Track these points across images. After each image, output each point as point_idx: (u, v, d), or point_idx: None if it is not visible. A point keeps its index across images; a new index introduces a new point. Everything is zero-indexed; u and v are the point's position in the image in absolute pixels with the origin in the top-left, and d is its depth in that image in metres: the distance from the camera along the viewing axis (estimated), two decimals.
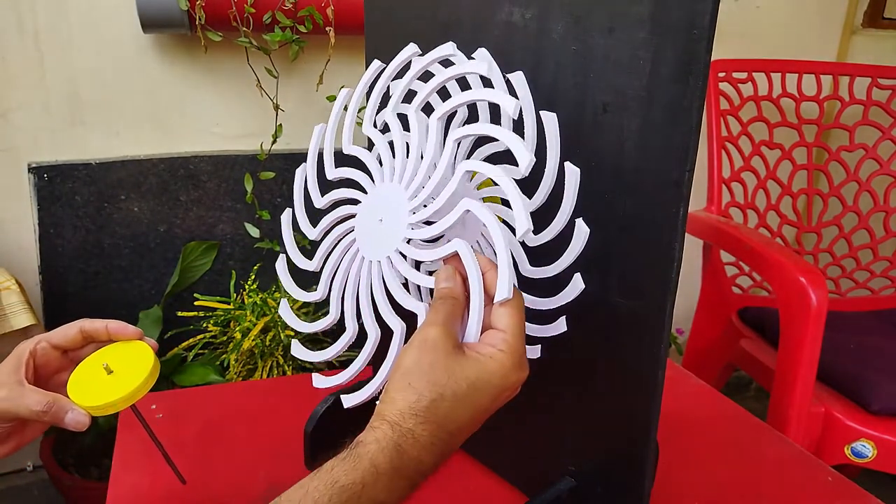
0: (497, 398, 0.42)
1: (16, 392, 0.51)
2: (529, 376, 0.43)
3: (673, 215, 0.42)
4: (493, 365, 0.41)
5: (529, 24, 0.47)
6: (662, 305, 0.44)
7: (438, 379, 0.40)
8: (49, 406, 0.52)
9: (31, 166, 1.24)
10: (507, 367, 0.42)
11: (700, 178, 1.41)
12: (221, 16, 1.17)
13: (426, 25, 0.54)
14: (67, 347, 0.56)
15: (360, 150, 0.54)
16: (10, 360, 0.54)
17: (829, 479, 0.68)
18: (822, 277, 1.04)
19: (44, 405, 0.51)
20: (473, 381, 0.41)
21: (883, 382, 1.11)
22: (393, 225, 0.48)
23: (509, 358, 0.42)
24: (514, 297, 0.43)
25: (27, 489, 1.42)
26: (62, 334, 0.56)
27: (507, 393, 0.43)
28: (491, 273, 0.44)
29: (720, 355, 1.42)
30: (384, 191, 0.50)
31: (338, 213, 0.53)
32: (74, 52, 1.22)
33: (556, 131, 0.46)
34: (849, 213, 1.53)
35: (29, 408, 0.51)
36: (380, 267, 0.49)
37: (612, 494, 0.52)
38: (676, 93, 0.40)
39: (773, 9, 1.65)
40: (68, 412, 0.52)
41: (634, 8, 0.41)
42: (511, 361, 0.42)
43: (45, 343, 0.55)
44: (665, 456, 0.55)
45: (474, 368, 0.41)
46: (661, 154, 0.42)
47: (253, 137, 1.33)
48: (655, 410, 0.47)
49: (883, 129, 1.49)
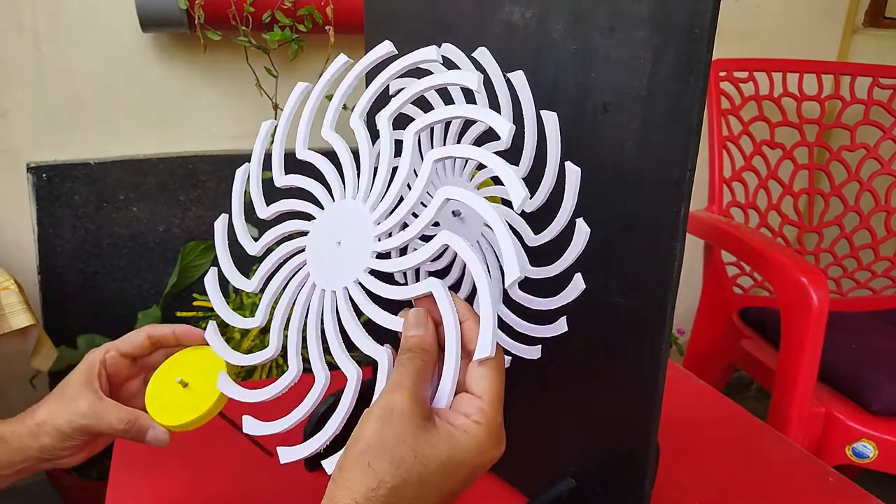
0: (468, 479, 0.36)
1: (97, 408, 0.50)
2: (530, 376, 0.43)
3: (674, 215, 0.42)
4: (467, 441, 0.36)
5: (530, 24, 0.47)
6: (663, 305, 0.44)
7: (404, 460, 0.34)
8: (131, 424, 0.50)
9: (29, 166, 1.24)
10: (483, 443, 0.36)
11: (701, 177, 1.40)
12: (221, 15, 1.16)
13: (426, 24, 0.54)
14: (136, 355, 0.55)
15: (316, 157, 0.47)
16: (80, 371, 0.52)
17: (829, 480, 0.68)
18: (823, 277, 1.04)
19: (125, 423, 0.50)
20: (444, 461, 0.35)
21: (884, 383, 1.11)
22: (353, 249, 0.41)
23: (485, 432, 0.36)
24: (496, 355, 0.37)
25: (26, 489, 1.41)
26: (130, 342, 0.54)
27: (480, 472, 0.37)
28: (470, 323, 0.38)
29: (721, 355, 1.42)
30: (345, 209, 0.43)
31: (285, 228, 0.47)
32: (73, 51, 1.22)
33: (557, 131, 0.46)
34: (850, 212, 1.53)
35: (111, 425, 0.50)
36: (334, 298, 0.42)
37: (613, 495, 0.52)
38: (677, 92, 0.40)
39: (774, 8, 1.65)
40: (149, 430, 0.51)
41: (635, 7, 0.41)
42: (487, 436, 0.36)
43: (114, 352, 0.54)
44: (666, 456, 0.55)
45: (446, 446, 0.35)
46: (662, 154, 0.42)
47: (252, 137, 1.32)
48: (656, 411, 0.47)
49: (884, 129, 1.49)
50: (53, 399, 0.52)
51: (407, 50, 0.55)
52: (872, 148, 1.50)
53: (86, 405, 0.50)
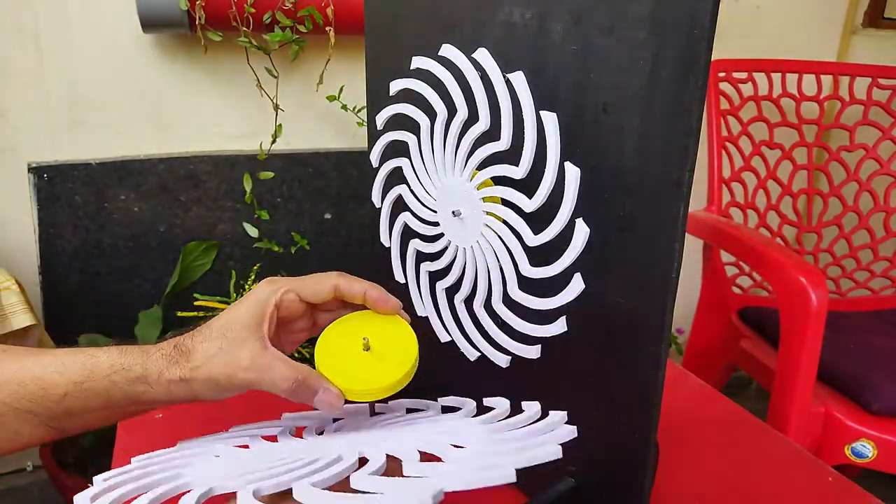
0: None
1: (260, 360, 0.44)
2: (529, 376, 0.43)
3: (673, 215, 0.42)
4: None
5: (529, 24, 0.47)
6: (662, 305, 0.44)
7: None
8: (298, 384, 0.44)
9: (30, 166, 1.24)
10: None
11: (700, 177, 1.41)
12: (221, 15, 1.16)
13: (426, 25, 0.54)
14: (315, 303, 0.48)
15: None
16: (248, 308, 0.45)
17: (829, 480, 0.68)
18: (822, 277, 1.04)
19: (292, 381, 0.44)
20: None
21: (883, 382, 1.11)
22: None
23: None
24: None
25: (27, 489, 1.42)
26: (314, 289, 0.47)
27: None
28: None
29: (720, 355, 1.42)
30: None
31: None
32: (74, 52, 1.22)
33: (556, 131, 0.46)
34: (849, 213, 1.53)
35: (275, 383, 0.44)
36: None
37: (612, 494, 0.52)
38: (676, 93, 0.40)
39: (774, 9, 1.65)
40: (319, 391, 0.45)
41: (634, 8, 0.41)
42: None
43: (294, 295, 0.47)
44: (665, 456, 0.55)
45: None
46: (662, 154, 0.42)
47: (252, 137, 1.33)
48: (655, 410, 0.47)
49: (883, 129, 1.49)
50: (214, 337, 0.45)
51: (408, 51, 0.55)
52: (871, 148, 1.50)
53: (248, 357, 0.44)
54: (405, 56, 0.55)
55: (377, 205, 0.62)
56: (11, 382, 0.44)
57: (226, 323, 0.45)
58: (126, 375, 0.44)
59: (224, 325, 0.45)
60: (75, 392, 0.44)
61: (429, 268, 0.58)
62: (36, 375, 0.44)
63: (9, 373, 0.45)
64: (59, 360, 0.45)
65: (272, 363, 0.44)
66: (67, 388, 0.44)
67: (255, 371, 0.44)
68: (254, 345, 0.44)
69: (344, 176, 1.41)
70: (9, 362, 0.45)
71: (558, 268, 0.48)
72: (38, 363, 0.45)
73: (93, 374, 0.44)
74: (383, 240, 0.62)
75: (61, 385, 0.44)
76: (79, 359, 0.45)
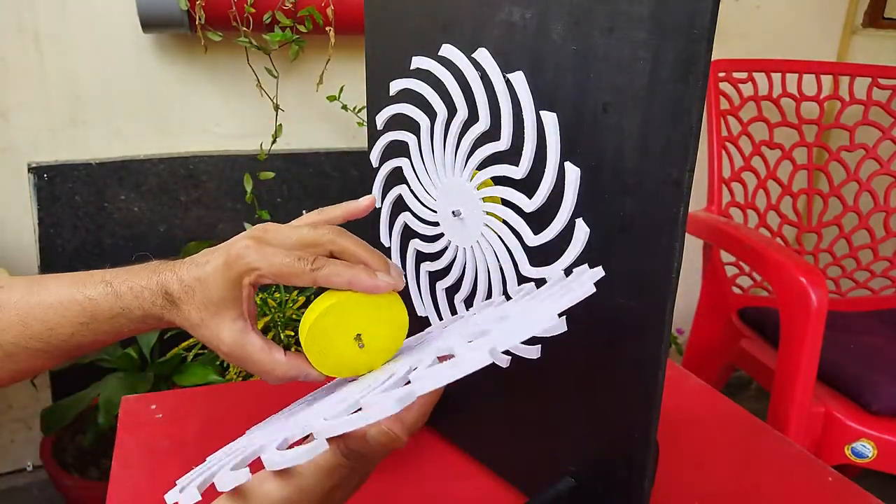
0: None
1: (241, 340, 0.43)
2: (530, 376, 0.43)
3: (673, 215, 0.42)
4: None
5: (529, 24, 0.47)
6: (662, 305, 0.44)
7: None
8: (278, 380, 0.44)
9: (30, 166, 1.24)
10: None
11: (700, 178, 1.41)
12: (221, 15, 1.17)
13: (426, 25, 0.54)
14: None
15: None
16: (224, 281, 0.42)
17: (829, 480, 0.68)
18: (822, 277, 1.04)
19: (288, 379, 0.43)
20: None
21: (883, 382, 1.11)
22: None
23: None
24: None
25: (27, 489, 1.42)
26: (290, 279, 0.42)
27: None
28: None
29: (720, 355, 1.42)
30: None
31: None
32: (74, 52, 1.22)
33: (556, 131, 0.46)
34: (849, 213, 1.53)
35: (275, 376, 0.43)
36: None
37: (612, 494, 0.52)
38: (676, 93, 0.40)
39: (774, 8, 1.65)
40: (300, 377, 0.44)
41: (634, 8, 0.41)
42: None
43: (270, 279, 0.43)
44: (665, 456, 0.55)
45: None
46: (662, 154, 0.42)
47: (253, 137, 1.33)
48: (656, 410, 0.47)
49: (883, 129, 1.49)
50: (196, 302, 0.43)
51: (408, 51, 0.55)
52: (871, 148, 1.50)
53: (229, 340, 0.42)
54: (405, 56, 0.55)
55: (377, 204, 0.62)
56: (16, 324, 0.44)
57: (204, 290, 0.43)
58: (128, 316, 0.44)
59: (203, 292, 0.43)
60: (82, 331, 0.44)
61: (429, 268, 0.58)
62: (39, 318, 0.44)
63: (12, 315, 0.44)
64: (58, 301, 0.44)
65: (252, 346, 0.43)
66: (73, 329, 0.44)
67: (236, 358, 0.43)
68: (232, 327, 0.43)
69: (344, 176, 1.41)
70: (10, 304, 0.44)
71: (558, 268, 0.48)
72: (40, 304, 0.44)
73: (95, 316, 0.44)
74: (383, 240, 0.62)
75: (66, 326, 0.44)
76: (76, 300, 0.44)
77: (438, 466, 0.66)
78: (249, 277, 0.42)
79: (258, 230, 0.44)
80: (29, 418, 1.39)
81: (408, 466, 0.66)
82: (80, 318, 0.44)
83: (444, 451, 0.67)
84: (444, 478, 0.64)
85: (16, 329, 0.44)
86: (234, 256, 0.42)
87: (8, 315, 0.44)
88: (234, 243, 0.43)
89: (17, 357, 0.44)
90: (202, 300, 0.43)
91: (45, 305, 0.44)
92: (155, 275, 0.44)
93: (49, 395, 1.36)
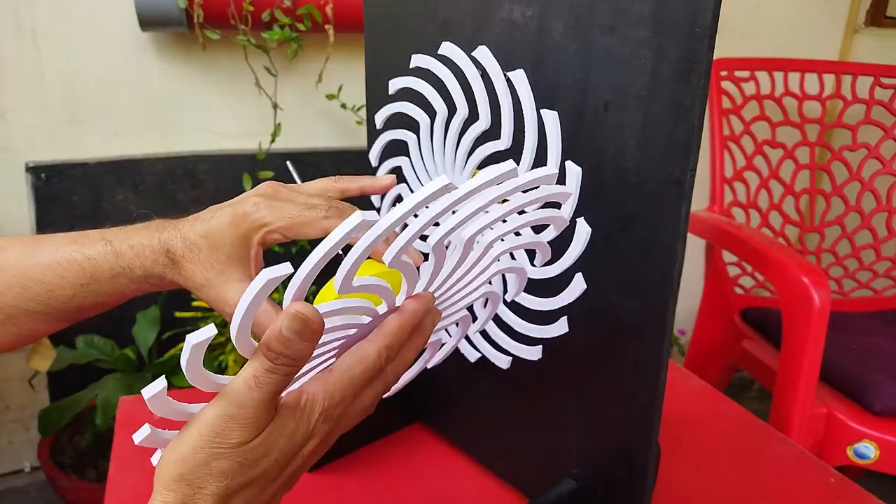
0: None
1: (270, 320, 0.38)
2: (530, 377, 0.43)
3: (675, 215, 0.42)
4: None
5: (530, 22, 0.46)
6: (664, 306, 0.44)
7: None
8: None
9: (28, 166, 1.24)
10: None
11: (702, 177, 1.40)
12: (220, 14, 1.16)
13: (426, 23, 0.53)
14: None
15: None
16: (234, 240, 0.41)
17: (831, 481, 0.67)
18: (824, 277, 1.04)
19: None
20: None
21: (885, 383, 1.10)
22: None
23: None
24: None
25: (25, 490, 1.41)
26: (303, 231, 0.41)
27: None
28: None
29: (722, 356, 1.42)
30: None
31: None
32: (72, 51, 1.21)
33: (557, 130, 0.46)
34: (851, 212, 1.52)
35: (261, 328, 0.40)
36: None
37: (614, 495, 0.52)
38: (678, 91, 0.40)
39: (776, 7, 1.65)
40: None
41: (636, 6, 0.41)
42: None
43: (280, 235, 0.41)
44: (666, 457, 0.55)
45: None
46: (663, 153, 0.41)
47: (251, 136, 1.33)
48: (657, 411, 0.47)
49: (885, 129, 1.48)
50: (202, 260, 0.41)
51: (407, 49, 0.55)
52: (874, 148, 1.49)
53: (236, 298, 0.40)
54: (405, 54, 0.54)
55: (376, 204, 0.61)
56: (15, 287, 0.43)
57: (210, 248, 0.41)
58: (130, 276, 0.42)
59: (209, 250, 0.41)
60: (82, 292, 0.43)
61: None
62: (37, 279, 0.43)
63: (9, 276, 0.43)
64: (56, 262, 0.43)
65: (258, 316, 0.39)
66: (73, 291, 0.43)
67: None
68: (238, 287, 0.41)
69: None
70: (8, 265, 0.43)
71: (559, 268, 0.47)
72: (37, 265, 0.43)
73: (94, 276, 0.42)
74: None
75: (66, 288, 0.43)
76: (76, 260, 0.43)
77: (438, 467, 0.65)
78: (258, 235, 0.41)
79: (266, 187, 0.43)
80: (27, 419, 1.39)
81: (408, 467, 0.65)
82: (80, 278, 0.42)
83: (444, 451, 0.67)
84: (444, 478, 0.64)
85: (14, 291, 0.43)
86: (242, 213, 0.41)
87: (6, 276, 0.43)
88: (242, 200, 0.42)
89: (18, 320, 0.43)
90: (208, 259, 0.41)
91: (42, 266, 0.43)
92: (157, 232, 0.43)
93: (47, 396, 1.36)
